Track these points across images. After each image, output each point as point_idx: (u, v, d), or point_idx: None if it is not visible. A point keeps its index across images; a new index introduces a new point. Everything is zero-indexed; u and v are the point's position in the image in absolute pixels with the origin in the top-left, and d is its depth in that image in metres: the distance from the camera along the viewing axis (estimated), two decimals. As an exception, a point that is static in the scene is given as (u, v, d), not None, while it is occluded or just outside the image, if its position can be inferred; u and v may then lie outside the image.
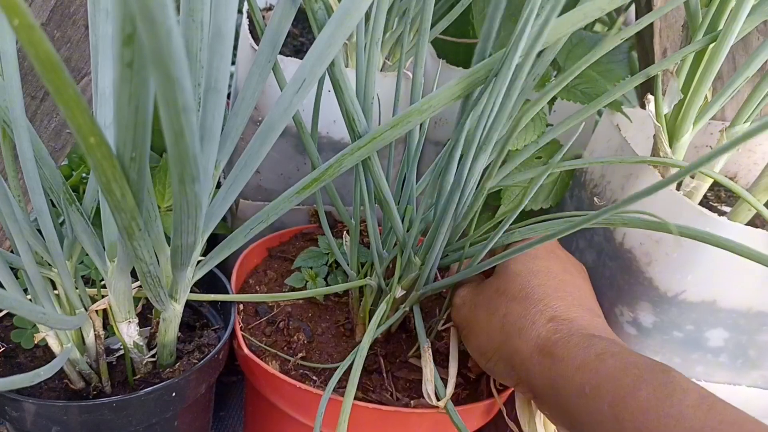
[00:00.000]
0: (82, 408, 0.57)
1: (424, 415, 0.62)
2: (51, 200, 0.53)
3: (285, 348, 0.70)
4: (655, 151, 0.62)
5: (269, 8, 1.07)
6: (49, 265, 0.57)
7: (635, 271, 0.61)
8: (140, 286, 0.65)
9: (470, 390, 0.69)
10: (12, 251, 0.55)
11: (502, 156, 0.52)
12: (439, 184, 0.60)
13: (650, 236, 0.60)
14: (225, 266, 0.73)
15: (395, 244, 0.68)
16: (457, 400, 0.67)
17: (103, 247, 0.57)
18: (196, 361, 0.64)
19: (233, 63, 0.93)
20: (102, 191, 0.37)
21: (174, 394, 0.60)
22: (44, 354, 0.66)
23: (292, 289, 0.77)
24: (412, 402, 0.64)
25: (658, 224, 0.53)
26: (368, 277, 0.71)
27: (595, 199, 0.68)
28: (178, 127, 0.32)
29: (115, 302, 0.59)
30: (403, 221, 0.64)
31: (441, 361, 0.72)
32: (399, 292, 0.68)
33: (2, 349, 0.62)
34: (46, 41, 0.28)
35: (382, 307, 0.66)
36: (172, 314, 0.60)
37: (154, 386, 0.59)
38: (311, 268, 0.76)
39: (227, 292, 0.71)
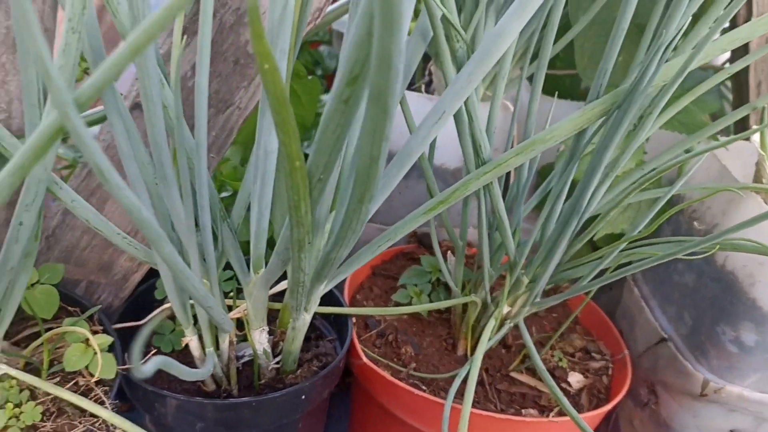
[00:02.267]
0: (225, 406, 0.62)
1: (535, 424, 0.66)
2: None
3: (395, 359, 0.74)
4: (757, 177, 0.65)
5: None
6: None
7: (738, 291, 0.65)
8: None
9: (570, 402, 0.73)
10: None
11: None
12: (550, 209, 0.64)
13: (754, 259, 0.63)
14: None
15: (500, 264, 0.73)
16: (559, 413, 0.71)
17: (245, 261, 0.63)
18: (315, 368, 0.70)
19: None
20: (289, 208, 0.43)
21: (303, 397, 0.65)
22: (178, 358, 0.72)
23: (397, 305, 0.82)
24: (522, 411, 0.68)
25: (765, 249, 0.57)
26: (473, 294, 0.75)
27: (695, 223, 0.72)
28: (376, 153, 0.38)
29: (253, 311, 0.65)
30: (512, 241, 0.68)
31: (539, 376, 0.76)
32: (505, 309, 0.72)
33: (154, 351, 0.68)
34: (282, 82, 0.34)
35: (492, 323, 0.70)
36: (302, 323, 0.65)
37: (288, 389, 0.64)
38: (416, 285, 0.81)
39: (341, 306, 0.77)
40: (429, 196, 0.73)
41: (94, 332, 0.62)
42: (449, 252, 0.82)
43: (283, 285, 0.71)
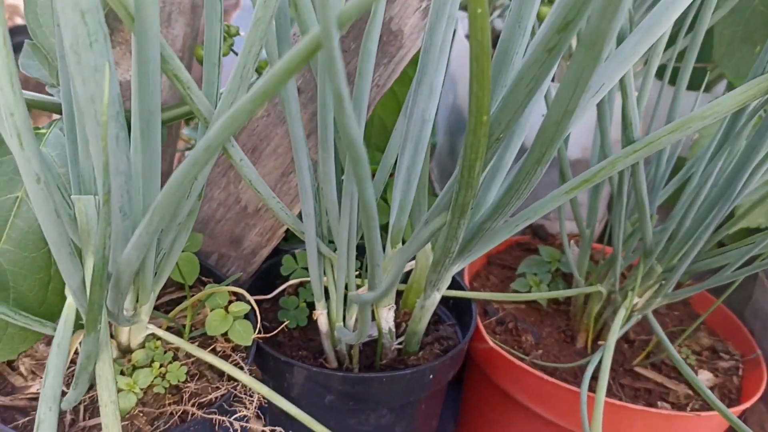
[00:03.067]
0: (355, 379, 0.63)
1: (674, 418, 0.63)
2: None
3: (515, 347, 0.73)
4: None
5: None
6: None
7: None
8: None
9: (702, 401, 0.70)
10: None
11: None
12: (694, 195, 0.62)
13: None
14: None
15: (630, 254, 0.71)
16: (691, 408, 0.68)
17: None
18: (438, 351, 0.69)
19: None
20: (463, 167, 0.42)
21: (431, 377, 0.65)
22: (299, 335, 0.73)
23: (515, 293, 0.81)
24: (659, 403, 0.65)
25: None
26: (598, 285, 0.73)
27: None
28: (572, 107, 0.37)
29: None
30: (648, 229, 0.66)
31: (668, 373, 0.73)
32: (635, 300, 0.70)
33: (285, 323, 0.68)
34: (488, 29, 0.34)
35: (623, 312, 0.68)
36: (431, 302, 0.65)
37: (418, 367, 0.63)
38: (535, 274, 0.80)
39: (462, 290, 0.76)
40: (561, 182, 0.72)
41: (231, 301, 0.63)
42: (571, 242, 0.81)
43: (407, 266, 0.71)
